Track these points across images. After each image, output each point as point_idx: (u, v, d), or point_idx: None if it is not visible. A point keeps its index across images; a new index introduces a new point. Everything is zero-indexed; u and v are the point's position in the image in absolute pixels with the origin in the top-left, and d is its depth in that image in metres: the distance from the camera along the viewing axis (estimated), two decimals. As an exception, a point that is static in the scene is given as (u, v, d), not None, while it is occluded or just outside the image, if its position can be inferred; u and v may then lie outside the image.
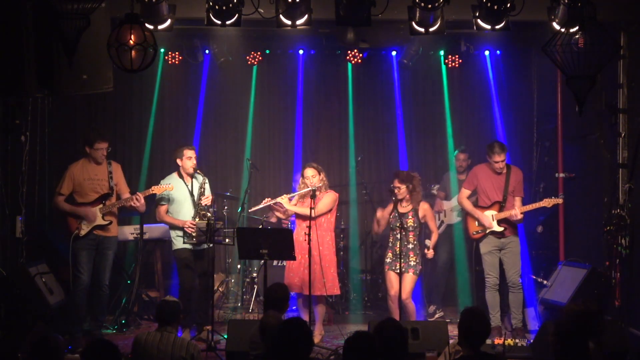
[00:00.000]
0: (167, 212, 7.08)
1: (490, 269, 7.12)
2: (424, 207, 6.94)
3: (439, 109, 9.18)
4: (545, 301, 7.20)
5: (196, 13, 6.37)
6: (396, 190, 6.83)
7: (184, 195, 7.05)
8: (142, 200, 6.90)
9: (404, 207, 6.89)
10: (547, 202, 7.03)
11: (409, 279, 6.76)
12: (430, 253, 6.99)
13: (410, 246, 6.81)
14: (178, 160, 7.09)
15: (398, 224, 6.75)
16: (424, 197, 8.46)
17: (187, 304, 7.07)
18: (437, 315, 8.03)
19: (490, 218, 7.05)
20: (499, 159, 7.03)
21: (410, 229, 6.83)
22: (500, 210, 7.06)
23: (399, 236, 6.72)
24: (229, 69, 8.98)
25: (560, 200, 7.09)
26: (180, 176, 7.11)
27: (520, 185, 7.17)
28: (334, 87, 9.29)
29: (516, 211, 6.95)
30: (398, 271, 6.75)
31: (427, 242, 7.11)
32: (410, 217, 6.84)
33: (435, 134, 9.22)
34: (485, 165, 7.27)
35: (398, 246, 6.72)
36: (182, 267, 7.07)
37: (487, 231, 7.10)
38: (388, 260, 6.90)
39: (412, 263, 6.78)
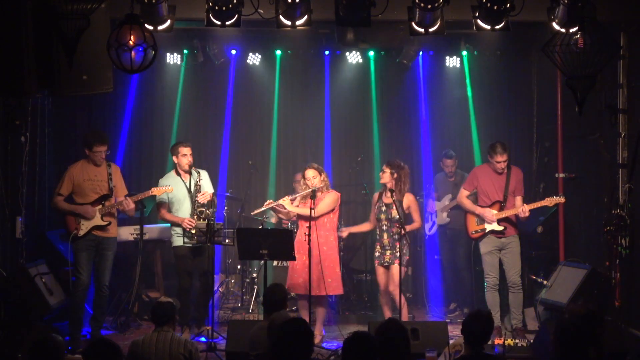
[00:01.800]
0: (168, 210, 7.09)
1: (490, 269, 7.12)
2: (408, 198, 6.91)
3: (438, 109, 9.19)
4: (545, 301, 7.20)
5: (196, 14, 6.36)
6: (380, 174, 6.98)
7: (182, 193, 7.05)
8: (132, 205, 6.89)
9: (389, 198, 6.89)
10: (549, 201, 7.03)
11: (396, 270, 6.78)
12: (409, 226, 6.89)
13: (396, 237, 6.82)
14: (174, 158, 7.11)
15: (382, 215, 6.90)
16: (425, 197, 8.49)
17: (186, 303, 7.08)
18: (456, 313, 8.11)
19: (491, 212, 7.06)
20: (501, 159, 7.02)
21: (395, 220, 6.84)
22: (501, 209, 7.06)
23: (384, 227, 6.86)
24: (228, 70, 8.99)
25: (562, 199, 7.07)
26: (178, 174, 7.11)
27: (520, 185, 7.17)
28: (333, 88, 9.28)
29: (524, 207, 6.95)
30: (386, 264, 6.87)
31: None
32: (394, 208, 6.84)
33: (435, 134, 9.22)
34: (485, 165, 7.27)
35: (385, 237, 6.87)
36: (180, 265, 7.09)
37: (487, 230, 7.10)
38: (377, 254, 7.01)
39: (397, 254, 6.81)
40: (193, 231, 6.85)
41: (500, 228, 7.06)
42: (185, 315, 7.04)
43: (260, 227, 7.98)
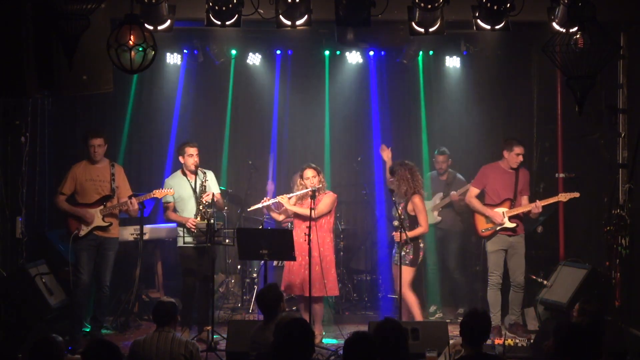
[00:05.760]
0: (174, 209, 7.09)
1: (494, 267, 7.13)
2: (414, 201, 6.88)
3: (438, 109, 9.18)
4: (545, 301, 7.20)
5: (196, 14, 6.37)
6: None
7: (187, 193, 7.04)
8: (136, 206, 6.92)
9: (397, 200, 6.96)
10: (563, 197, 7.08)
11: (403, 270, 6.77)
12: (396, 235, 6.85)
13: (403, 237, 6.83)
14: (180, 158, 7.11)
15: (395, 216, 6.96)
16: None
17: (189, 302, 7.07)
18: (436, 316, 8.03)
19: (501, 214, 7.07)
20: (520, 152, 7.12)
21: (401, 220, 6.83)
22: (511, 207, 7.08)
23: (396, 228, 6.90)
24: (228, 70, 9.00)
25: (577, 194, 7.08)
26: (184, 174, 7.11)
27: (527, 185, 7.26)
28: (333, 88, 9.27)
29: (537, 203, 6.99)
30: (397, 263, 6.87)
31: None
32: (400, 209, 6.86)
33: (435, 133, 9.21)
34: (495, 164, 7.30)
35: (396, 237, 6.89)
36: (185, 265, 7.07)
37: (497, 228, 7.10)
38: (393, 252, 7.09)
39: (402, 254, 6.85)
40: (194, 231, 6.85)
41: (513, 225, 7.08)
42: (187, 316, 7.02)
43: (260, 227, 7.98)
